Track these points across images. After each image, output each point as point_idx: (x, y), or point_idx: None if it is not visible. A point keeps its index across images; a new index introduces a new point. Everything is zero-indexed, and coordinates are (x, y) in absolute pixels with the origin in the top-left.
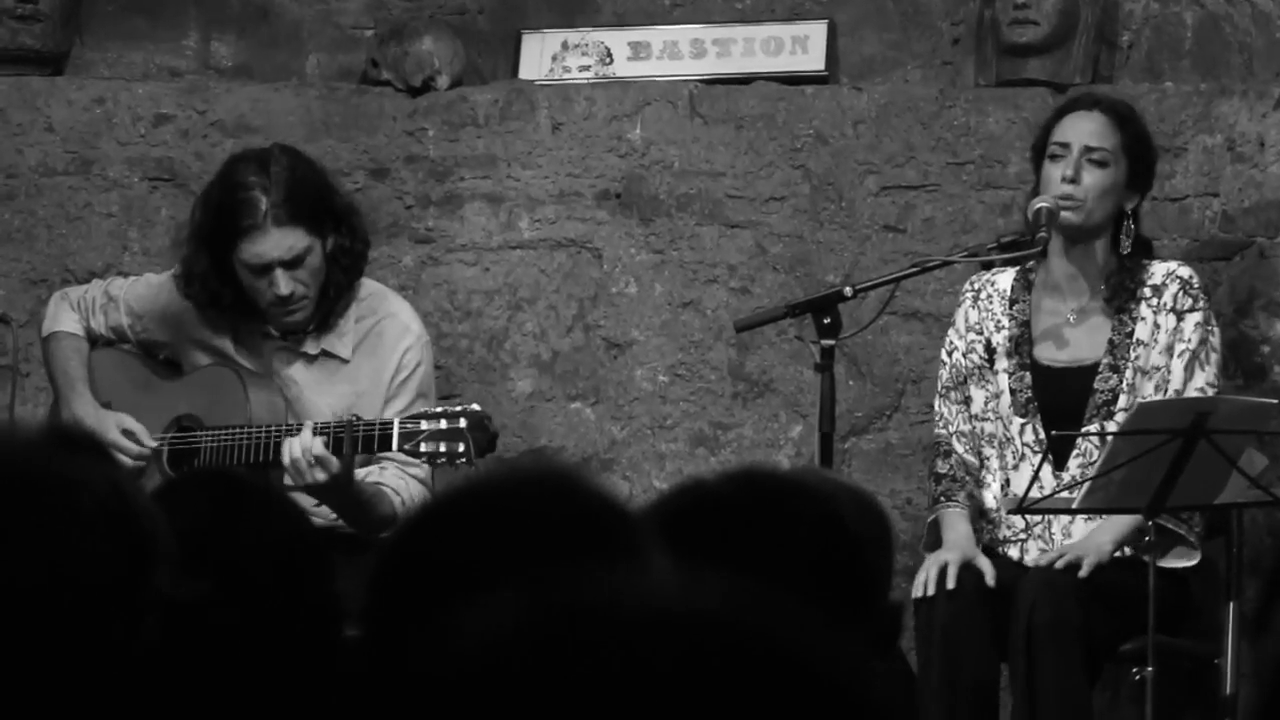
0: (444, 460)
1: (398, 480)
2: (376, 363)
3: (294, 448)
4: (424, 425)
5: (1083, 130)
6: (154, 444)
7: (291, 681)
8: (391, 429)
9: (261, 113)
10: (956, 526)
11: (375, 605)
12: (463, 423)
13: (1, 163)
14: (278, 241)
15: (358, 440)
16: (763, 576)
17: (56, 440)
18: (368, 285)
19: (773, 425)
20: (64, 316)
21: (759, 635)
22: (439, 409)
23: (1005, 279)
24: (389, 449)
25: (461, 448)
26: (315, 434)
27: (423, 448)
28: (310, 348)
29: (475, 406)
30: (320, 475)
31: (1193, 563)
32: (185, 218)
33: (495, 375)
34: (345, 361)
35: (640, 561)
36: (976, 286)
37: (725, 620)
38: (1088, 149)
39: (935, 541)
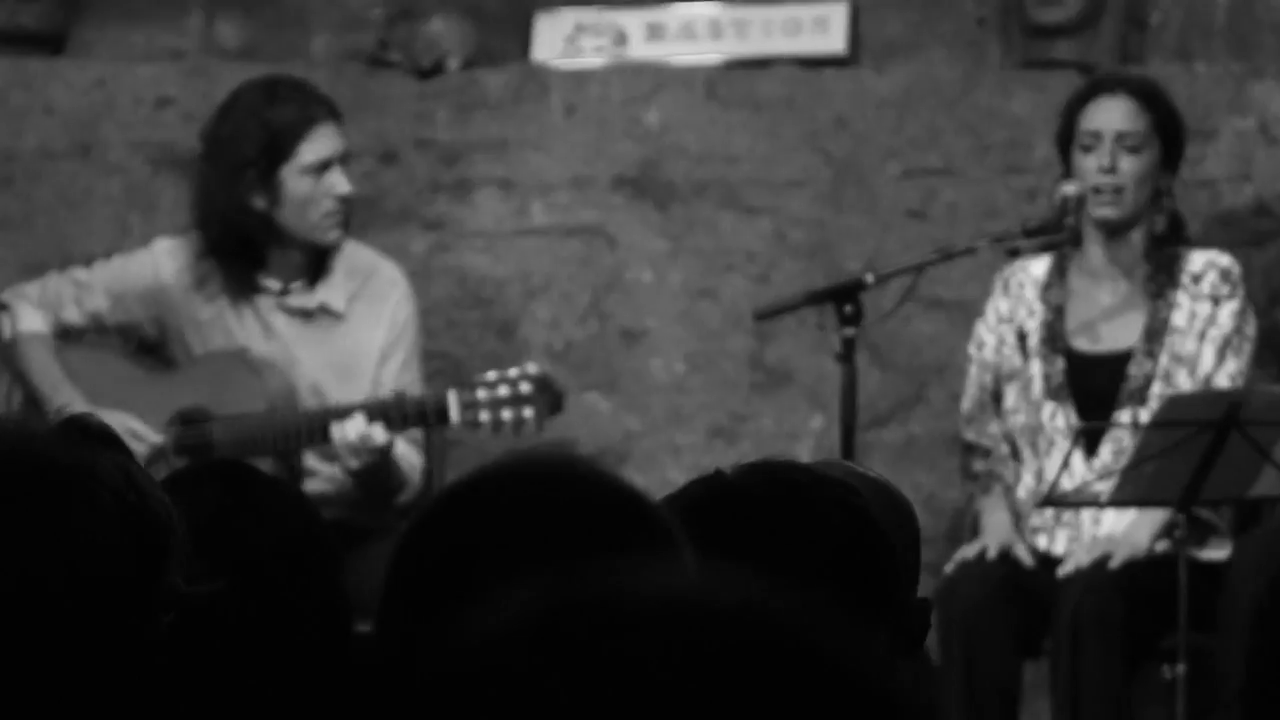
0: (509, 428)
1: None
2: (370, 317)
3: (348, 432)
4: (480, 395)
5: (1112, 116)
6: (158, 439)
7: (301, 677)
8: (447, 402)
9: None
10: (994, 513)
11: (393, 597)
12: (525, 387)
13: None
14: (336, 135)
15: (407, 417)
16: (786, 572)
17: (71, 430)
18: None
19: (793, 417)
20: (25, 316)
21: (782, 634)
22: (493, 375)
23: (1039, 266)
24: (446, 423)
25: (528, 412)
26: (365, 414)
27: (482, 417)
28: (307, 302)
29: (532, 368)
30: (370, 458)
31: (1226, 554)
32: (188, 202)
33: (507, 365)
34: (339, 317)
35: (675, 556)
36: (1006, 275)
37: (746, 618)
38: (1120, 135)
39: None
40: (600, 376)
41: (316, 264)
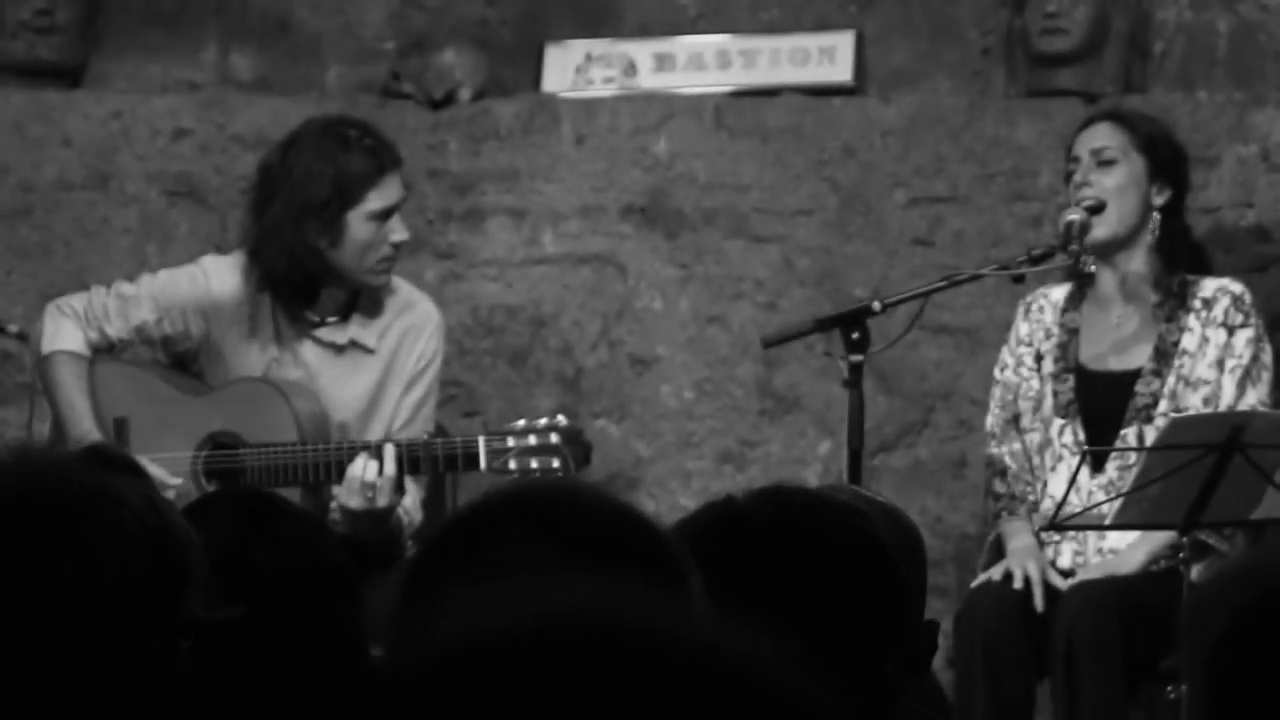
0: (539, 475)
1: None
2: (401, 351)
3: (366, 470)
4: (510, 442)
5: (1088, 139)
6: (177, 483)
7: (317, 704)
8: (476, 447)
9: (281, 126)
10: (1021, 535)
11: (405, 622)
12: (555, 438)
13: (18, 177)
14: (399, 184)
15: (437, 460)
16: (795, 596)
17: (94, 458)
18: None
19: (800, 442)
20: (65, 332)
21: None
22: (521, 423)
23: (1060, 291)
24: (475, 468)
25: (557, 463)
26: (395, 453)
27: (512, 465)
28: (338, 336)
29: (562, 419)
30: (385, 501)
31: None
32: (205, 232)
33: (519, 392)
34: (370, 352)
35: (681, 583)
36: (1029, 300)
37: (713, 655)
38: (1095, 151)
39: (995, 560)
40: (611, 403)
41: (354, 300)
